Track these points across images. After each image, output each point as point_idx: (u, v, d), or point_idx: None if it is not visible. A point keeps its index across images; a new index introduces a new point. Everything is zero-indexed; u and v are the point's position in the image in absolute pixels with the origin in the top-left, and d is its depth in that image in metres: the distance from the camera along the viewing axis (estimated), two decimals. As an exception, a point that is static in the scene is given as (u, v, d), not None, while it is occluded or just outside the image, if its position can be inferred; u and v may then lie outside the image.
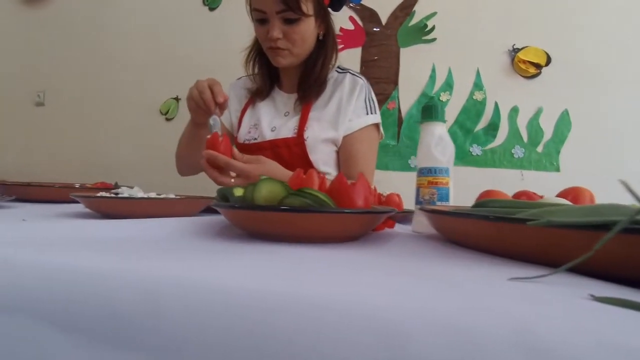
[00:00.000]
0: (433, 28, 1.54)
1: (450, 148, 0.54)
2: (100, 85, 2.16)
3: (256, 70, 0.97)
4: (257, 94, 0.98)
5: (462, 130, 1.51)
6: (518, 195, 0.50)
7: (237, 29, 1.90)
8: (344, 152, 0.91)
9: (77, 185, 0.96)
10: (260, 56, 0.95)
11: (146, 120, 2.04)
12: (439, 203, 0.52)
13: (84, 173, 2.13)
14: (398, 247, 0.37)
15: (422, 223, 0.52)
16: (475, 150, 1.49)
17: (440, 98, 1.54)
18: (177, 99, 2.00)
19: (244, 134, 0.95)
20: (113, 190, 0.64)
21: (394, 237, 0.46)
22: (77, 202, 0.78)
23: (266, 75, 0.97)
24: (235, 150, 0.68)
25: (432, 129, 0.54)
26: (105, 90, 2.15)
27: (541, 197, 0.49)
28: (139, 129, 2.06)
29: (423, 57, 1.56)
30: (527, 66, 1.43)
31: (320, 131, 0.88)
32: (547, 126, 1.43)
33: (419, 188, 0.54)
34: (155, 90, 2.03)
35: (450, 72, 1.54)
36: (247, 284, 0.20)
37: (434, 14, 1.56)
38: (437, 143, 0.53)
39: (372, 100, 0.93)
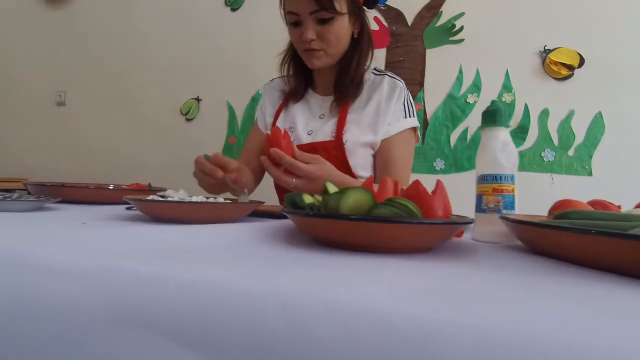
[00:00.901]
0: (461, 28, 1.52)
1: (514, 154, 0.52)
2: (121, 85, 2.17)
3: (291, 73, 0.96)
4: (291, 96, 0.97)
5: (490, 133, 1.48)
6: (592, 204, 0.48)
7: (259, 29, 1.90)
8: (382, 156, 0.89)
9: (110, 187, 0.96)
10: (295, 59, 0.94)
11: (167, 120, 2.05)
12: (504, 211, 0.50)
13: (107, 172, 2.15)
14: (484, 259, 0.36)
15: (485, 232, 0.50)
16: (504, 153, 1.46)
17: (467, 100, 1.52)
18: (197, 100, 2.00)
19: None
20: (160, 193, 0.63)
21: (466, 246, 0.44)
22: (116, 203, 0.78)
23: (300, 77, 0.95)
24: (295, 147, 0.67)
25: (496, 134, 0.52)
26: (126, 90, 2.16)
27: (618, 207, 0.47)
28: (160, 129, 2.06)
29: (450, 58, 1.54)
30: (559, 68, 1.40)
31: (359, 135, 0.87)
32: (579, 129, 1.39)
33: (481, 195, 0.52)
34: (176, 91, 2.03)
35: (478, 74, 1.51)
36: (391, 305, 0.19)
37: (461, 14, 1.53)
38: (502, 149, 0.52)
39: (411, 103, 0.91)
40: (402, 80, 0.92)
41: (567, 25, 1.42)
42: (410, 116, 0.90)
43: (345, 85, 0.88)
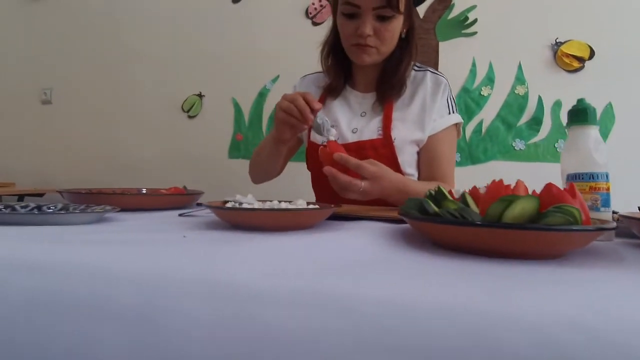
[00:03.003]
0: (475, 21, 1.53)
1: (606, 152, 0.52)
2: (114, 82, 2.06)
3: (329, 64, 0.93)
4: (330, 92, 0.94)
5: (505, 125, 1.51)
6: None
7: (263, 22, 1.84)
8: (427, 153, 0.89)
9: (144, 190, 0.90)
10: (335, 52, 0.91)
11: (167, 118, 1.96)
12: (602, 209, 0.50)
13: (101, 174, 2.05)
14: (619, 259, 0.36)
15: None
16: (519, 144, 1.49)
17: (482, 92, 1.54)
18: (200, 96, 1.93)
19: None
20: (233, 200, 0.60)
21: (594, 249, 0.44)
22: (157, 209, 0.74)
23: (340, 72, 0.93)
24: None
25: (587, 133, 0.53)
26: (120, 86, 2.05)
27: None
28: (159, 127, 1.98)
29: (463, 51, 1.55)
30: (570, 60, 1.44)
31: (407, 132, 0.86)
32: (591, 120, 1.44)
33: (577, 193, 0.52)
34: (176, 87, 1.95)
35: (491, 66, 1.53)
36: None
37: (473, 7, 1.54)
38: (595, 147, 0.52)
39: (453, 99, 0.91)
40: (445, 76, 0.91)
41: (577, 18, 1.46)
42: (453, 112, 0.90)
43: (391, 84, 0.87)
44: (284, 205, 0.57)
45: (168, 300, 0.25)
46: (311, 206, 0.56)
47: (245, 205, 0.58)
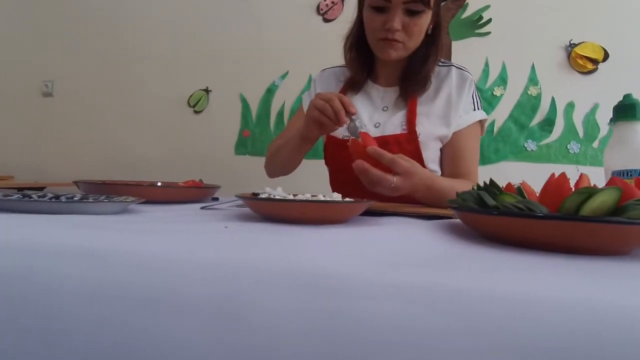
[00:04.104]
0: (489, 21, 1.52)
1: (655, 147, 0.51)
2: (118, 75, 2.02)
3: (352, 56, 0.91)
4: (352, 85, 0.93)
5: (517, 126, 1.50)
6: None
7: (270, 17, 1.81)
8: (452, 149, 0.87)
9: (158, 184, 0.88)
10: (359, 46, 0.90)
11: (173, 113, 1.93)
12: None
13: (103, 169, 2.01)
14: None
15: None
16: (530, 145, 1.49)
17: (494, 93, 1.53)
18: (206, 90, 1.90)
19: (343, 130, 0.90)
20: (264, 192, 0.58)
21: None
22: (182, 202, 0.71)
23: (362, 66, 0.91)
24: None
25: (635, 128, 0.51)
26: (124, 80, 2.01)
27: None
28: (164, 122, 1.95)
29: (476, 50, 1.54)
30: (584, 62, 1.44)
31: (432, 127, 0.84)
32: (604, 122, 1.44)
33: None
34: (181, 82, 1.92)
35: (504, 67, 1.52)
36: None
37: (487, 6, 1.53)
38: (645, 143, 0.51)
39: (478, 95, 0.90)
40: (470, 72, 0.90)
41: (592, 19, 1.45)
42: (478, 108, 0.88)
43: (415, 80, 0.85)
44: (321, 197, 0.55)
45: (250, 293, 0.22)
46: (348, 199, 0.54)
47: (280, 197, 0.56)
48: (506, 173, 1.48)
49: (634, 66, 1.42)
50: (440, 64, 0.91)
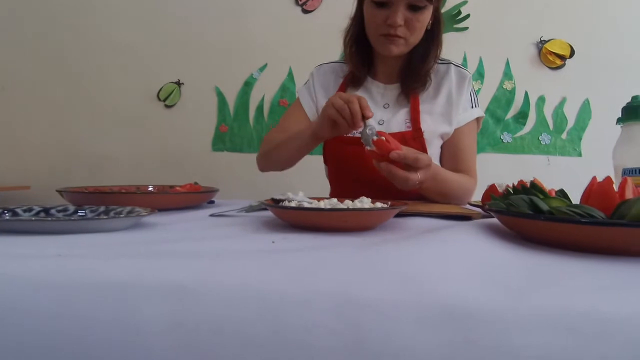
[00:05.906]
0: (467, 16, 1.56)
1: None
2: (74, 68, 1.84)
3: (353, 51, 0.89)
4: (351, 81, 0.91)
5: (493, 119, 1.57)
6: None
7: (248, 7, 1.73)
8: (451, 146, 0.89)
9: (150, 188, 0.82)
10: (359, 41, 0.88)
11: (140, 108, 1.80)
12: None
13: (60, 171, 1.83)
14: None
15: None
16: (506, 137, 1.56)
17: (472, 87, 1.58)
18: (178, 83, 1.79)
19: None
20: (287, 199, 0.55)
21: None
22: (179, 208, 0.66)
23: (362, 62, 0.90)
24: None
25: (645, 128, 0.54)
26: (82, 73, 1.84)
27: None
28: (131, 118, 1.81)
29: (454, 45, 1.57)
30: (553, 58, 1.52)
31: (435, 125, 0.85)
32: (571, 114, 1.54)
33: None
34: (150, 74, 1.79)
35: (481, 62, 1.57)
36: None
37: (464, 2, 1.57)
38: (653, 142, 0.54)
39: (475, 93, 0.92)
40: (467, 70, 0.91)
41: (561, 17, 1.54)
42: (476, 106, 0.90)
43: (417, 77, 0.85)
44: (349, 204, 0.53)
45: (377, 329, 0.21)
46: (379, 205, 0.53)
47: (305, 204, 0.53)
48: (485, 164, 1.54)
49: (597, 62, 1.53)
50: (439, 61, 0.92)
